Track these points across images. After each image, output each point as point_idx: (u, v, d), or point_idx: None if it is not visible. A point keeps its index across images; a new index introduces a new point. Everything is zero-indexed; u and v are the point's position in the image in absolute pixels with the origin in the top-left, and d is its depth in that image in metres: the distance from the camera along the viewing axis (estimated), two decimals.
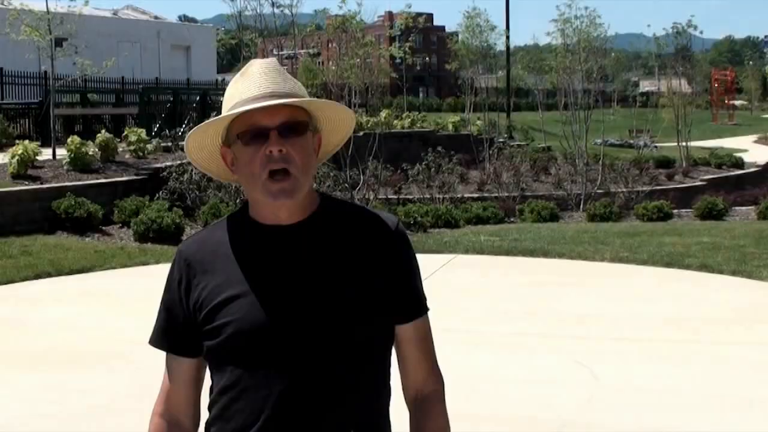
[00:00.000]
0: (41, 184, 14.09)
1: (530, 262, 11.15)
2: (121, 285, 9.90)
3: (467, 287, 9.80)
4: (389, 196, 18.83)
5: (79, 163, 15.10)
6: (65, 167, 15.08)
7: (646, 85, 54.59)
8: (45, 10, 16.34)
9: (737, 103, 77.85)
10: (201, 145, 2.09)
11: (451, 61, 31.79)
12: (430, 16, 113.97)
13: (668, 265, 10.63)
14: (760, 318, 8.19)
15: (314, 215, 2.05)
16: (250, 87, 2.00)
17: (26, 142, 15.31)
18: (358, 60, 18.97)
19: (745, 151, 40.15)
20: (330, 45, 26.43)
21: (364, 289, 1.99)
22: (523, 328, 7.89)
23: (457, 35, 34.27)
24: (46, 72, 24.45)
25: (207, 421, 2.07)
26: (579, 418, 5.62)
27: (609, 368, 6.61)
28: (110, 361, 6.68)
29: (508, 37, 37.04)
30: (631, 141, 36.39)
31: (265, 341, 1.94)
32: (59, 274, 10.43)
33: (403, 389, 2.13)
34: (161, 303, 2.11)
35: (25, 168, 14.38)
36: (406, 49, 28.57)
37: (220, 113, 2.04)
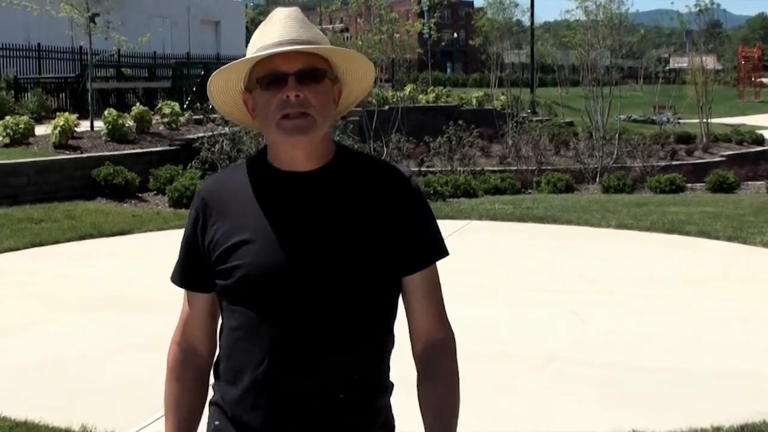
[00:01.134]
0: (81, 153, 14.95)
1: (539, 228, 11.87)
2: (159, 245, 10.69)
3: (478, 249, 10.54)
4: (412, 168, 19.49)
5: (116, 134, 15.94)
6: (103, 138, 15.94)
7: (676, 62, 54.61)
8: None
9: (766, 80, 77.51)
10: (223, 90, 2.12)
11: (475, 37, 32.35)
12: None
13: (669, 231, 11.32)
14: (744, 278, 8.90)
15: (331, 164, 2.07)
16: (272, 33, 2.02)
17: (66, 114, 16.13)
18: (383, 36, 19.61)
19: None
20: (357, 20, 27.06)
21: (374, 238, 2.03)
22: (525, 284, 8.64)
23: (483, 11, 34.81)
24: (81, 47, 25.34)
25: (216, 358, 2.16)
26: (566, 354, 6.38)
27: (598, 317, 7.36)
28: (153, 308, 7.48)
29: (532, 14, 37.54)
30: (654, 117, 36.72)
31: (273, 286, 1.99)
32: (101, 235, 11.23)
33: (411, 342, 2.15)
34: (182, 240, 2.18)
35: (66, 138, 15.24)
36: (432, 25, 29.16)
37: None
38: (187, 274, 2.16)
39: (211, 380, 2.18)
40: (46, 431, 4.74)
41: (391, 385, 2.14)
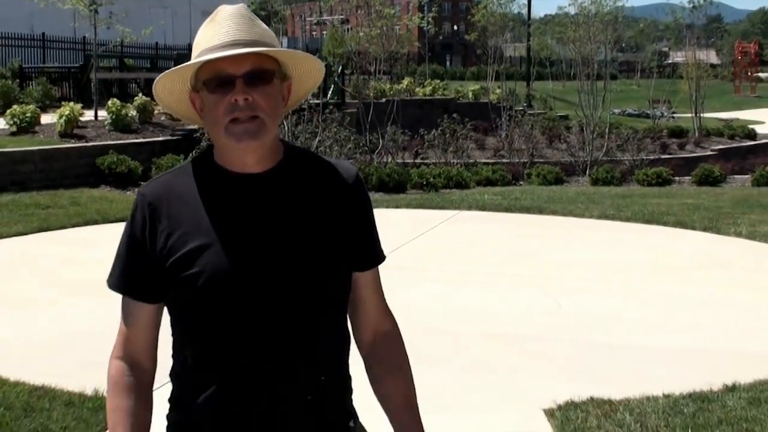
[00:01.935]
0: (86, 142, 15.46)
1: (525, 218, 12.39)
2: None
3: (465, 237, 11.05)
4: (406, 160, 19.99)
5: (120, 124, 16.44)
6: (107, 127, 16.45)
7: (676, 56, 54.90)
8: None
9: (763, 75, 77.84)
10: (170, 90, 2.06)
11: (471, 32, 32.77)
12: None
13: (648, 221, 11.84)
14: (713, 265, 9.42)
15: (281, 164, 2.04)
16: (217, 34, 1.96)
17: (71, 103, 16.64)
18: (379, 31, 20.08)
19: (762, 123, 40.74)
20: (357, 12, 27.47)
21: (330, 238, 2.02)
22: (506, 269, 9.15)
23: (480, 4, 35.21)
24: (85, 37, 25.82)
25: (172, 371, 2.08)
26: (539, 334, 6.90)
27: (572, 301, 7.87)
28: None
29: (529, 8, 37.99)
30: (648, 111, 37.17)
31: (234, 291, 1.94)
32: (106, 221, 11.72)
33: (356, 335, 2.18)
34: (122, 246, 2.06)
35: (72, 127, 15.75)
36: (429, 18, 29.60)
37: None
38: (134, 283, 2.03)
39: (164, 394, 2.11)
40: (61, 395, 5.25)
41: (350, 379, 2.13)
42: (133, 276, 2.03)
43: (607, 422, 4.87)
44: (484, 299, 8.02)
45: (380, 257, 2.18)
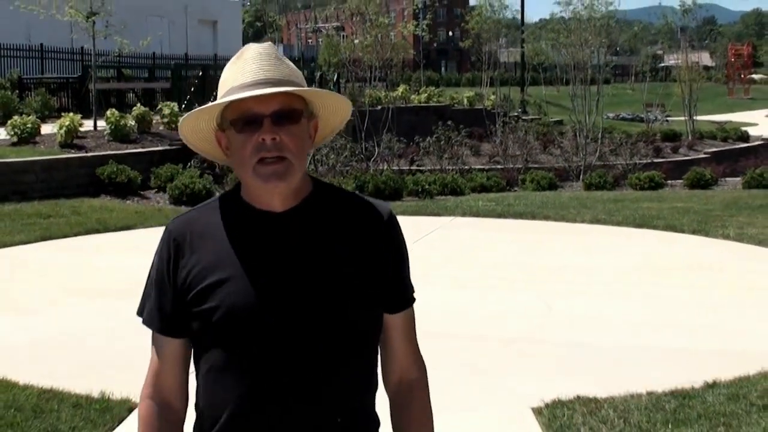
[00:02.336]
0: (86, 152, 15.69)
1: (518, 223, 12.63)
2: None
3: (459, 242, 11.29)
4: (402, 167, 20.23)
5: (119, 134, 16.67)
6: (106, 137, 16.68)
7: (670, 59, 55.20)
8: None
9: (757, 77, 78.19)
10: (196, 129, 2.06)
11: (465, 39, 33.06)
12: None
13: (639, 225, 12.08)
14: (699, 267, 9.66)
15: (307, 200, 2.03)
16: (244, 72, 1.96)
17: (71, 114, 16.88)
18: (373, 39, 20.31)
19: (755, 125, 41.01)
20: (353, 19, 27.74)
21: (355, 277, 1.99)
22: (499, 273, 9.38)
23: (474, 11, 35.49)
24: (83, 48, 26.07)
25: (195, 403, 2.07)
26: (530, 335, 7.13)
27: (562, 303, 8.11)
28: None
29: (522, 14, 38.27)
30: (642, 115, 37.45)
31: (252, 326, 1.93)
32: (106, 230, 11.95)
33: (383, 376, 2.14)
34: (150, 282, 2.09)
35: (72, 138, 15.98)
36: (424, 26, 29.83)
37: None
38: (159, 317, 2.06)
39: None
40: (69, 397, 5.46)
41: (378, 424, 2.10)
42: (158, 310, 2.05)
43: (591, 419, 5.09)
44: (476, 303, 8.24)
45: (409, 301, 2.14)
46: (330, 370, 1.95)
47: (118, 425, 5.10)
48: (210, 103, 2.01)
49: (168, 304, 2.03)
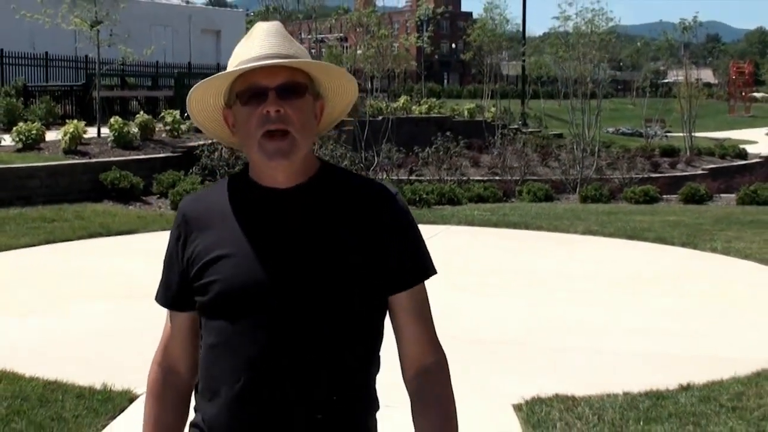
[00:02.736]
0: (90, 158, 15.98)
1: (512, 233, 12.91)
2: (162, 243, 11.48)
3: (454, 250, 11.56)
4: (401, 177, 20.49)
5: (122, 141, 16.97)
6: (109, 144, 16.96)
7: (674, 76, 55.40)
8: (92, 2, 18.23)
9: (758, 95, 78.51)
10: (203, 107, 2.11)
11: (466, 52, 33.38)
12: (457, 3, 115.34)
13: (630, 237, 12.36)
14: (686, 278, 9.93)
15: (313, 179, 2.05)
16: (252, 48, 2.00)
17: (75, 121, 17.18)
18: (374, 51, 20.64)
19: (755, 142, 41.23)
20: (356, 30, 28.09)
21: (355, 254, 2.00)
22: (489, 280, 9.68)
23: (475, 24, 35.85)
24: (87, 56, 26.39)
25: (198, 376, 2.12)
26: (515, 338, 7.41)
27: (549, 309, 8.39)
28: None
29: (524, 27, 38.61)
30: (641, 130, 37.73)
31: (252, 301, 1.96)
32: (108, 234, 12.23)
33: (401, 366, 2.12)
34: (165, 259, 2.17)
35: (76, 144, 16.27)
36: (425, 38, 30.15)
37: None
38: (169, 293, 2.14)
39: (193, 401, 2.17)
40: (72, 388, 5.74)
41: (377, 406, 2.11)
42: (165, 286, 2.15)
43: (567, 415, 5.36)
44: (466, 307, 8.51)
45: (416, 279, 2.10)
46: (327, 350, 1.96)
47: (119, 414, 5.38)
48: (216, 75, 2.04)
49: (175, 280, 2.11)
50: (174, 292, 2.13)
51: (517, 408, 5.57)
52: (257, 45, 2.00)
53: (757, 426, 5.19)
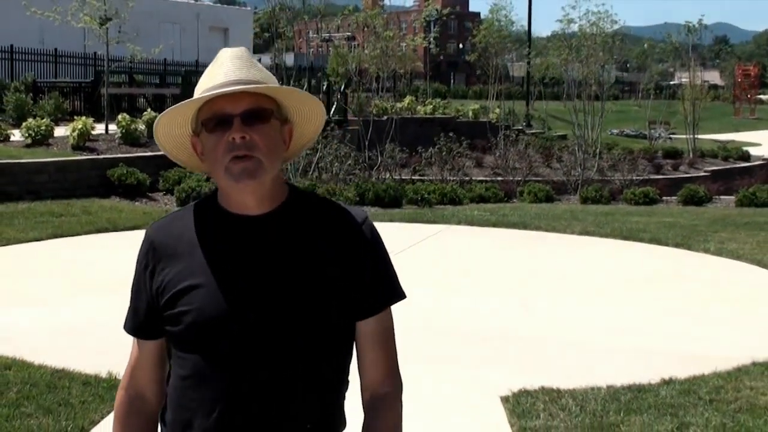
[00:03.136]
0: (97, 154, 16.26)
1: (510, 232, 13.16)
2: None
3: (451, 248, 11.83)
4: (404, 177, 20.75)
5: (129, 138, 17.26)
6: (117, 141, 17.26)
7: (682, 77, 55.37)
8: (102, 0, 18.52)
9: (764, 97, 78.59)
10: (170, 135, 2.10)
11: (471, 53, 33.63)
12: (465, 3, 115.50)
13: (625, 238, 12.60)
14: (677, 277, 10.18)
15: (282, 206, 2.05)
16: (216, 75, 2.00)
17: (83, 117, 17.48)
18: (379, 51, 20.90)
19: (759, 145, 41.35)
20: (363, 30, 28.35)
21: (325, 282, 2.00)
22: (485, 277, 9.94)
23: (480, 25, 36.11)
24: (95, 53, 26.70)
25: (163, 406, 2.12)
26: (507, 334, 7.66)
27: (540, 305, 8.65)
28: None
29: (529, 29, 38.85)
30: (646, 132, 37.93)
31: (223, 332, 1.95)
32: (115, 230, 12.50)
33: (360, 390, 2.14)
34: (132, 286, 2.15)
35: (84, 140, 16.56)
36: (431, 39, 30.37)
37: None
38: (137, 321, 2.12)
39: (159, 429, 2.17)
40: (79, 376, 6.01)
41: (344, 425, 2.14)
42: (133, 313, 2.14)
43: (552, 406, 5.61)
44: (460, 303, 8.77)
45: (382, 305, 2.12)
46: (301, 378, 1.98)
47: None
48: (180, 103, 2.04)
49: (143, 308, 2.10)
50: (142, 320, 2.11)
51: (504, 399, 5.82)
52: (221, 72, 2.01)
53: (732, 417, 5.44)
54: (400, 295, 2.16)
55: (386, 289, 2.12)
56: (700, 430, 5.21)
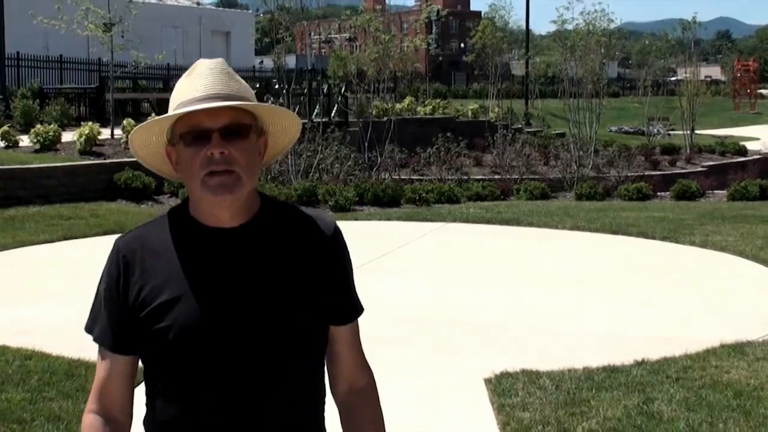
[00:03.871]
0: (104, 159, 16.78)
1: (503, 229, 13.63)
2: None
3: (447, 245, 12.30)
4: (403, 177, 21.18)
5: None
6: (123, 145, 17.73)
7: (684, 73, 55.32)
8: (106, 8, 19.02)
9: (765, 92, 78.89)
10: (146, 143, 2.07)
11: (469, 53, 34.04)
12: (466, 1, 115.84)
13: (614, 232, 13.06)
14: (660, 269, 10.63)
15: (256, 218, 2.04)
16: (195, 87, 1.96)
17: (90, 123, 17.99)
18: (377, 54, 21.34)
19: (757, 139, 41.60)
20: (365, 31, 28.78)
21: (303, 293, 2.01)
22: (477, 271, 10.41)
23: (478, 26, 36.50)
24: (100, 59, 27.20)
25: (144, 419, 2.09)
26: (495, 323, 8.14)
27: (529, 296, 9.13)
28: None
29: (527, 28, 39.25)
30: (644, 128, 38.26)
31: (204, 346, 1.94)
32: (122, 232, 12.94)
33: (331, 386, 2.17)
34: (99, 299, 2.08)
35: (91, 145, 17.08)
36: (430, 40, 30.78)
37: None
38: (112, 336, 2.05)
39: None
40: (94, 365, 6.43)
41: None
42: (110, 328, 2.05)
43: (530, 386, 6.09)
44: (452, 295, 9.25)
45: (356, 312, 2.17)
46: (281, 388, 1.99)
47: (136, 386, 6.11)
48: (159, 116, 2.02)
49: (119, 323, 2.03)
50: (118, 335, 2.05)
51: (487, 381, 6.30)
52: (200, 84, 1.97)
53: (696, 393, 5.91)
54: (361, 306, 2.22)
55: (356, 298, 2.18)
56: (663, 405, 5.68)
